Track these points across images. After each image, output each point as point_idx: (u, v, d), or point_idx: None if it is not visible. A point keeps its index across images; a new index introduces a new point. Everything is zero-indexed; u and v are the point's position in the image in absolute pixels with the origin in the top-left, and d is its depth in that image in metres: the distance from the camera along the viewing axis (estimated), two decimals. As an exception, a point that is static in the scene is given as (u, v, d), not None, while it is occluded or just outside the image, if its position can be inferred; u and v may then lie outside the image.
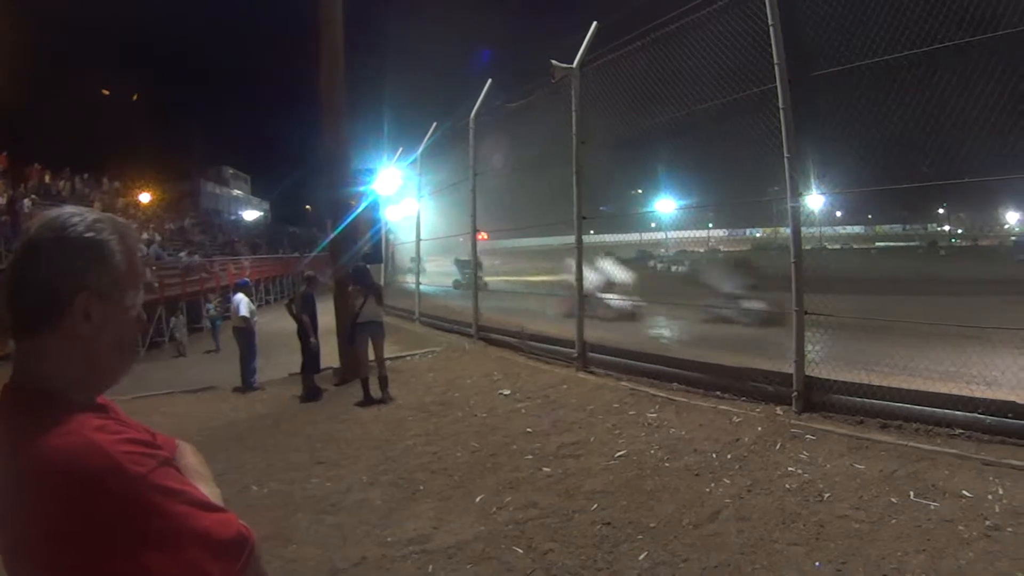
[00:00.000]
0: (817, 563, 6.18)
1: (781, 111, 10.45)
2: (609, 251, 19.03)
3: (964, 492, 7.11)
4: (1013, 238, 48.11)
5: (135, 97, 76.98)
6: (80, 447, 1.53)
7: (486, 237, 23.16)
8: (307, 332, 16.33)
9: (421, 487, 9.03)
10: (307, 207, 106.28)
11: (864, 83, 10.33)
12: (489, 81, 19.81)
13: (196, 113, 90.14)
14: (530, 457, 9.74)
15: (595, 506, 7.85)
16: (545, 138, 17.44)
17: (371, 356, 15.07)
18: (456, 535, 7.43)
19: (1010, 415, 8.35)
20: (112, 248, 1.79)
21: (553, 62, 15.15)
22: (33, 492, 1.52)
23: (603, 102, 14.96)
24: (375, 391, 14.42)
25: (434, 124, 25.71)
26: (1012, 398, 8.52)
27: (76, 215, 1.77)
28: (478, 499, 8.41)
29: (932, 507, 6.91)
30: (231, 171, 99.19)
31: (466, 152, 20.80)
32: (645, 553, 6.65)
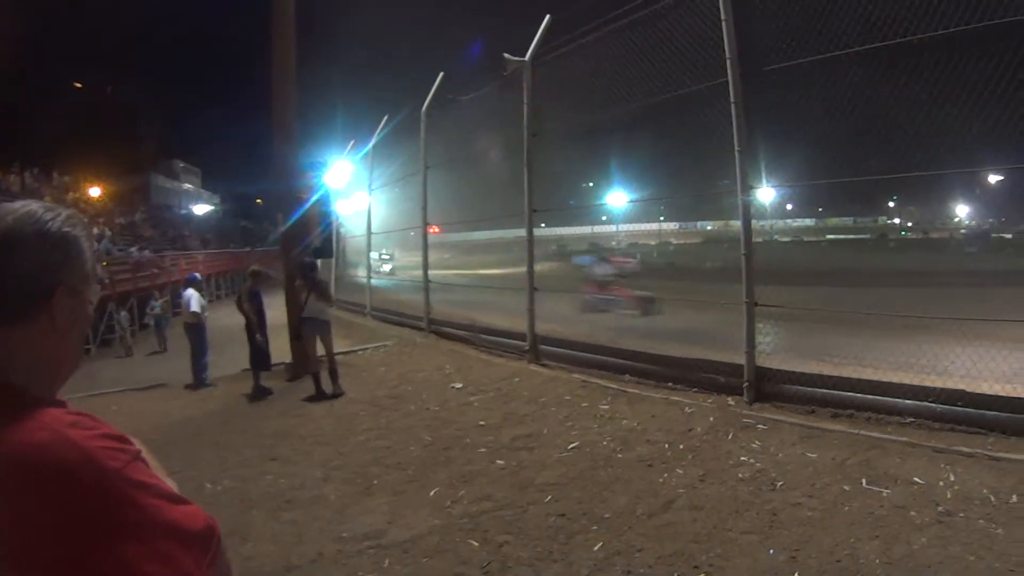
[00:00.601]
0: (771, 551, 6.26)
1: (732, 105, 10.55)
2: (560, 244, 19.06)
3: (916, 479, 7.25)
4: (963, 231, 48.85)
5: (109, 89, 76.26)
6: (55, 442, 1.53)
7: (438, 230, 23.17)
8: (252, 328, 16.18)
9: (375, 482, 9.01)
10: (258, 201, 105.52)
11: (815, 78, 10.44)
12: (441, 74, 19.76)
13: (146, 106, 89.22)
14: (483, 450, 9.75)
15: (549, 498, 7.88)
16: (498, 131, 17.43)
17: (321, 351, 14.97)
18: (411, 529, 7.42)
19: (960, 403, 8.54)
20: (84, 244, 1.80)
21: (505, 55, 15.14)
22: (7, 489, 1.52)
23: (556, 95, 14.98)
24: (327, 386, 14.33)
25: (385, 117, 25.62)
26: (962, 386, 8.70)
27: (49, 210, 1.77)
28: (432, 493, 8.40)
29: (884, 494, 7.04)
30: (181, 165, 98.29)
31: (418, 145, 20.73)
32: (600, 544, 6.69)
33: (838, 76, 10.31)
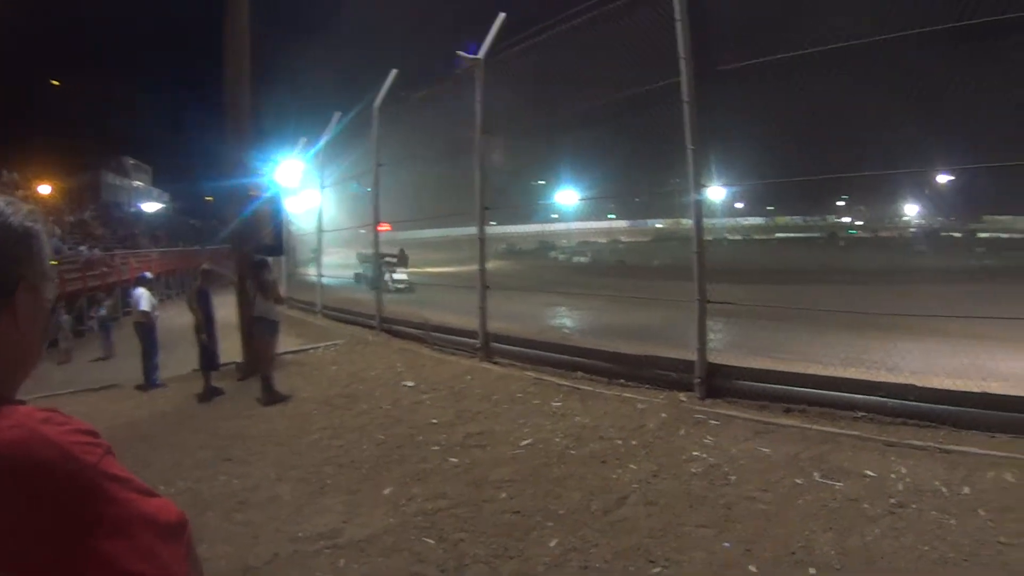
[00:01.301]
0: (726, 544, 6.36)
1: (685, 104, 10.64)
2: (510, 243, 19.01)
3: (868, 472, 7.42)
4: (912, 230, 49.39)
5: (59, 85, 75.47)
6: (30, 440, 1.53)
7: (389, 228, 23.09)
8: (200, 328, 15.99)
9: (329, 481, 8.99)
10: (208, 199, 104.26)
11: (769, 79, 10.55)
12: (395, 71, 19.70)
13: (97, 102, 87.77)
14: (437, 448, 9.77)
15: (504, 495, 7.93)
16: (451, 129, 17.44)
17: (269, 351, 14.74)
18: (367, 528, 7.42)
19: (911, 397, 8.77)
20: (44, 239, 1.79)
21: (459, 53, 15.16)
22: None
23: (509, 93, 15.01)
24: (279, 386, 14.12)
25: (338, 114, 25.47)
26: (912, 381, 8.87)
27: (10, 203, 1.74)
28: (387, 491, 8.40)
29: (837, 487, 7.19)
30: (132, 161, 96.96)
31: (370, 143, 20.68)
32: (556, 540, 6.74)
33: (791, 77, 10.43)
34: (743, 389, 10.22)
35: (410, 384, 13.42)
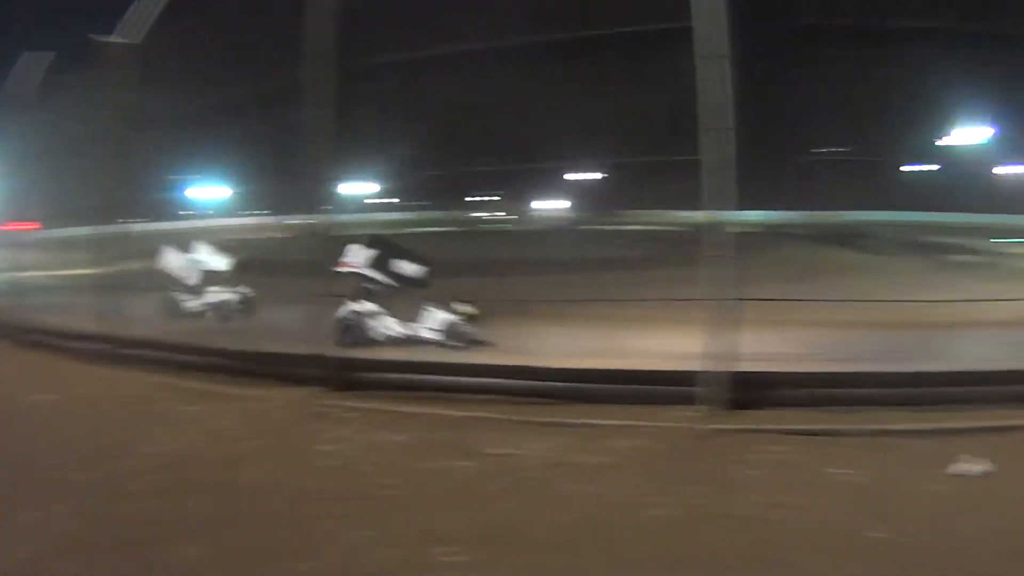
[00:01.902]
0: (357, 531, 6.57)
1: (318, 101, 10.78)
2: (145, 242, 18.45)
3: (502, 451, 8.11)
4: (557, 224, 51.43)
5: None
6: None
7: (26, 227, 21.95)
8: None
9: (-37, 513, 8.48)
10: None
11: (417, 76, 10.84)
12: (36, 53, 18.78)
13: None
14: (70, 464, 9.33)
15: (141, 506, 7.78)
16: (87, 118, 16.86)
17: None
18: (5, 559, 6.87)
19: (541, 378, 9.77)
20: None
21: (95, 36, 14.68)
22: None
23: (160, 80, 14.72)
24: None
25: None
26: (539, 363, 10.01)
27: None
28: (22, 517, 7.97)
29: (470, 467, 7.78)
30: None
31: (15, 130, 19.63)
32: (194, 546, 6.64)
33: (437, 75, 10.77)
34: (377, 381, 10.71)
35: (42, 397, 12.79)
